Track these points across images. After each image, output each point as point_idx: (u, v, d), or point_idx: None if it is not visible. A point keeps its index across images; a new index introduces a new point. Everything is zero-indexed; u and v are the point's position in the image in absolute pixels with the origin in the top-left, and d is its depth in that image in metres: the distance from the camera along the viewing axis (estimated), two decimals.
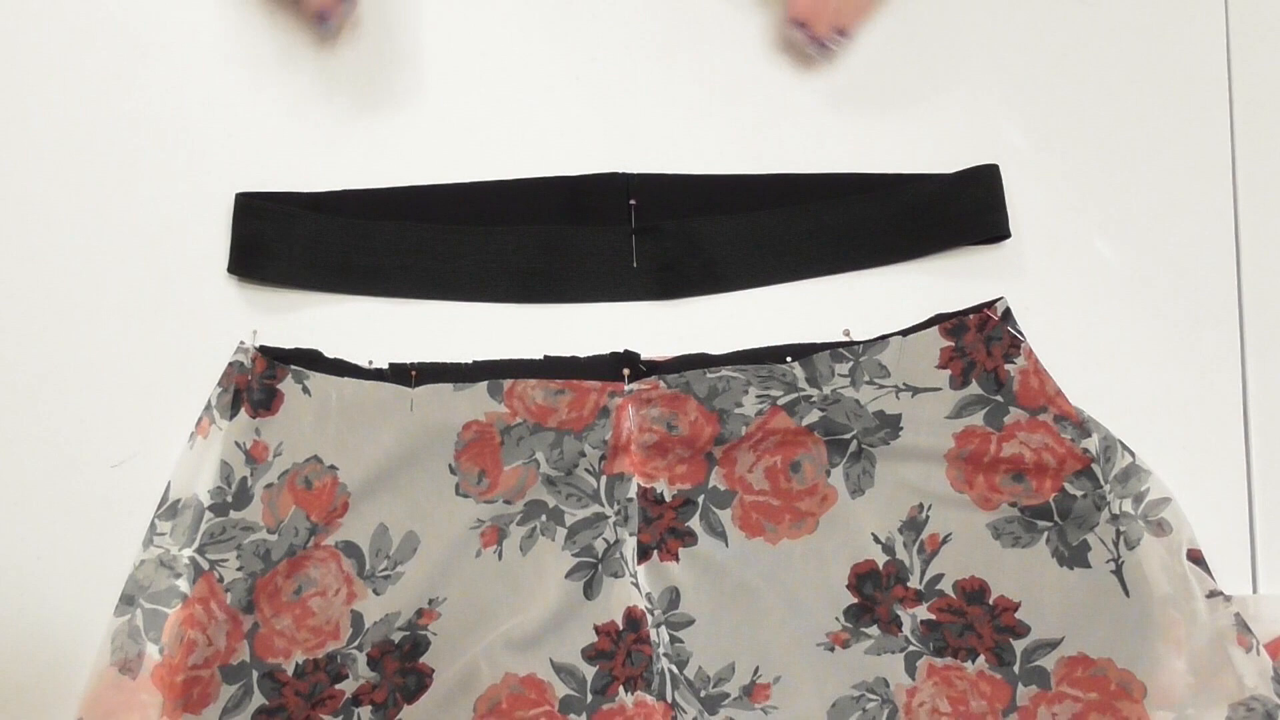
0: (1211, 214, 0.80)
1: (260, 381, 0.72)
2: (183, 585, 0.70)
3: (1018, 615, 0.71)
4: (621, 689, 0.70)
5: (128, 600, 0.70)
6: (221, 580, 0.70)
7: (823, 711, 0.71)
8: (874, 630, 0.71)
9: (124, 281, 0.76)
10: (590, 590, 0.71)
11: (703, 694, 0.71)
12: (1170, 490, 0.72)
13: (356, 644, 0.70)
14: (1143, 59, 0.81)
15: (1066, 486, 0.72)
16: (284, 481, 0.71)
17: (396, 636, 0.70)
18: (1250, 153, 0.80)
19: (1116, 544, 0.71)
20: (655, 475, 0.73)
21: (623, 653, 0.70)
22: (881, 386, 0.73)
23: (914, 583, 0.72)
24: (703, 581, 0.72)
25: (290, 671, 0.70)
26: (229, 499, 0.71)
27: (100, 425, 0.74)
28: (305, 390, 0.72)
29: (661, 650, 0.71)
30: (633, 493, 0.72)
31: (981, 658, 0.71)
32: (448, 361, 0.74)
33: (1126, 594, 0.70)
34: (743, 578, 0.72)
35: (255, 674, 0.70)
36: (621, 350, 0.74)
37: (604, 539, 0.72)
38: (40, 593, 0.72)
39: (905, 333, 0.74)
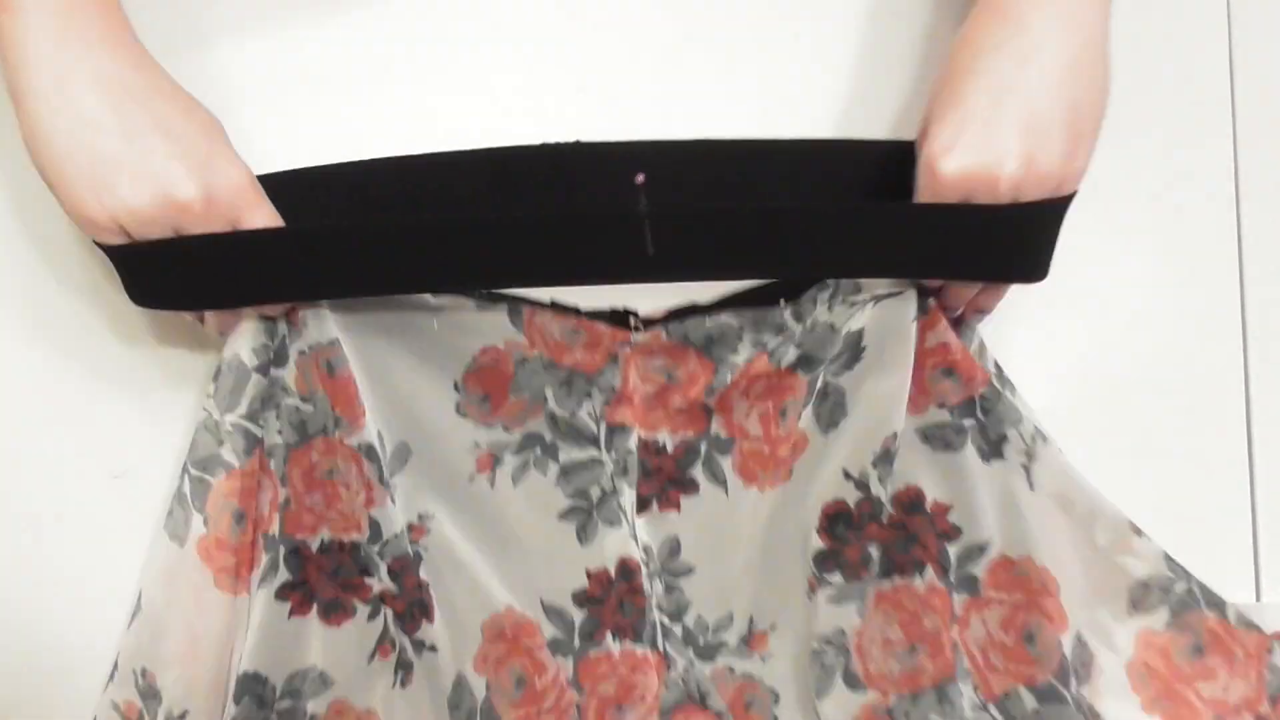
0: (1214, 215, 0.78)
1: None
2: (225, 454, 0.69)
3: (949, 518, 0.70)
4: (610, 636, 0.70)
5: (183, 468, 0.69)
6: (267, 450, 0.69)
7: (806, 661, 0.71)
8: (837, 577, 0.70)
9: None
10: (584, 535, 0.71)
11: (701, 642, 0.71)
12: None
13: (377, 548, 0.70)
14: (1143, 59, 0.78)
15: (994, 381, 0.70)
16: (311, 355, 0.69)
17: (411, 550, 0.70)
18: (1253, 152, 0.78)
19: (1033, 439, 0.69)
20: (657, 426, 0.72)
21: (614, 601, 0.70)
22: (853, 304, 0.70)
23: (884, 517, 0.71)
24: (704, 530, 0.72)
25: (314, 547, 0.69)
26: (272, 356, 0.69)
27: (102, 435, 0.74)
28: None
29: (655, 602, 0.71)
30: (633, 444, 0.72)
31: (930, 569, 0.70)
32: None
33: (1031, 488, 0.69)
34: (741, 526, 0.72)
35: (282, 549, 0.69)
36: (621, 308, 0.72)
37: (600, 486, 0.71)
38: (41, 601, 0.73)
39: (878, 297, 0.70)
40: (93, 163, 0.61)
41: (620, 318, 0.71)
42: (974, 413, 0.70)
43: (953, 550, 0.70)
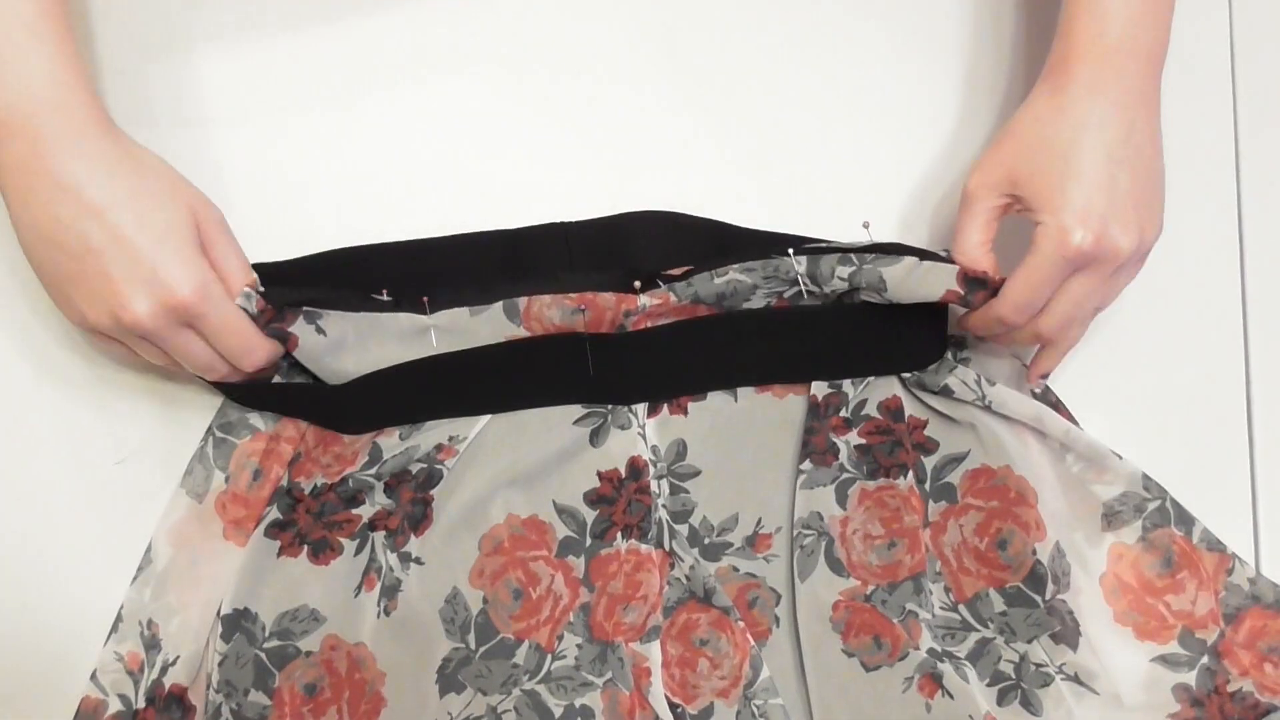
0: (1215, 211, 0.80)
1: (270, 329, 0.68)
2: (254, 419, 0.72)
3: (925, 432, 0.75)
4: (619, 535, 0.72)
5: (207, 430, 0.72)
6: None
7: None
8: (807, 464, 0.74)
9: None
10: (596, 438, 0.73)
11: (706, 542, 0.73)
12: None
13: (374, 471, 0.71)
14: None
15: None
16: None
17: (414, 468, 0.72)
18: (1254, 147, 0.80)
19: (977, 384, 0.73)
20: None
21: (624, 500, 0.72)
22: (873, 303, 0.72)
23: (845, 412, 0.74)
24: (711, 434, 0.74)
25: (307, 491, 0.71)
26: None
27: (105, 422, 0.73)
28: (319, 330, 0.69)
29: (661, 501, 0.73)
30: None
31: (911, 473, 0.74)
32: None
33: (1002, 418, 0.74)
34: (750, 431, 0.74)
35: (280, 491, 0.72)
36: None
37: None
38: (45, 589, 0.73)
39: (924, 255, 0.70)
40: (55, 276, 0.64)
41: (625, 281, 0.71)
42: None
43: (929, 462, 0.74)
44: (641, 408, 0.74)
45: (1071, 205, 0.66)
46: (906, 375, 0.75)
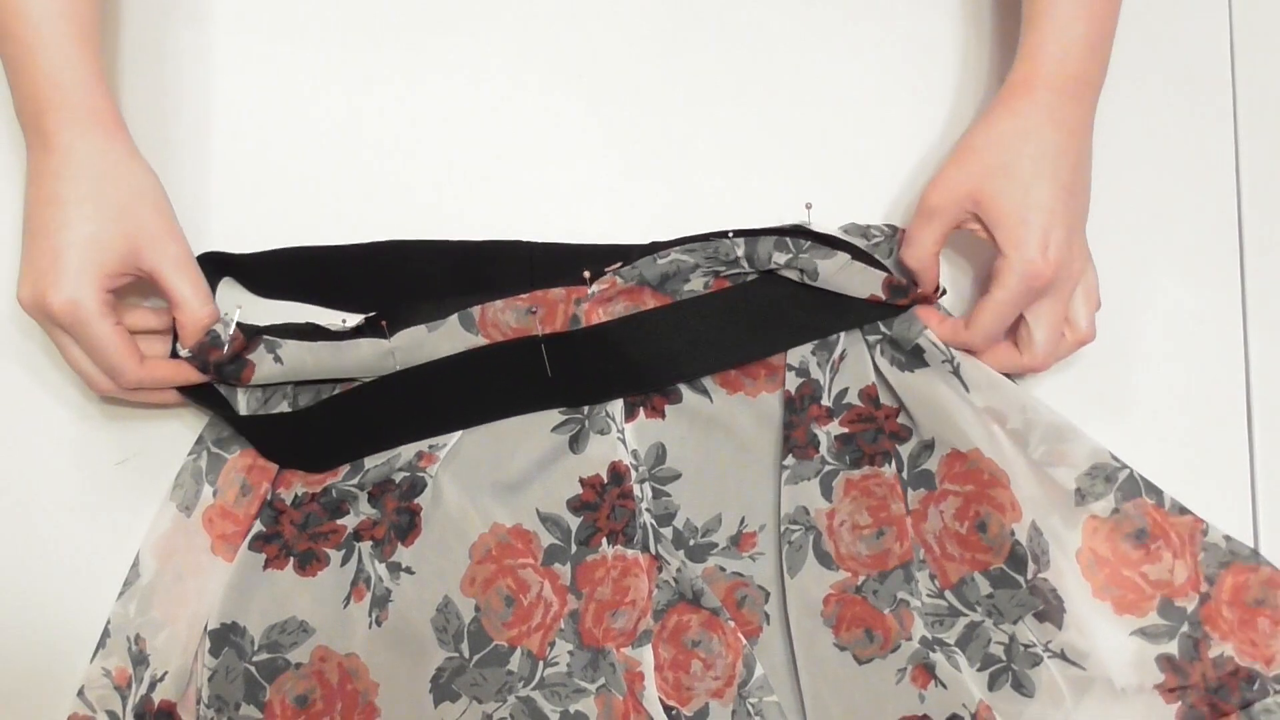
0: (1215, 211, 0.80)
1: (232, 360, 0.71)
2: None
3: (899, 420, 0.74)
4: (605, 541, 0.72)
5: (199, 441, 0.73)
6: None
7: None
8: (790, 459, 0.74)
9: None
10: (576, 445, 0.73)
11: (691, 543, 0.74)
12: None
13: (356, 482, 0.72)
14: (1146, 57, 0.80)
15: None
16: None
17: (397, 477, 0.72)
18: (1254, 147, 0.81)
19: (948, 348, 0.73)
20: None
21: (607, 506, 0.72)
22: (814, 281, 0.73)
23: (825, 400, 0.74)
24: (689, 436, 0.75)
25: (289, 501, 0.72)
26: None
27: (104, 423, 0.74)
28: (277, 359, 0.71)
29: (645, 505, 0.73)
30: None
31: (894, 460, 0.73)
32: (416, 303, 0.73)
33: (966, 389, 0.73)
34: (727, 431, 0.75)
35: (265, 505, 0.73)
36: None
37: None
38: (33, 603, 0.73)
39: (857, 255, 0.73)
40: (23, 249, 0.68)
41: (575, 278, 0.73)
42: (880, 328, 0.75)
43: (904, 450, 0.74)
44: (619, 412, 0.74)
45: (1033, 237, 0.69)
46: (878, 338, 0.74)
